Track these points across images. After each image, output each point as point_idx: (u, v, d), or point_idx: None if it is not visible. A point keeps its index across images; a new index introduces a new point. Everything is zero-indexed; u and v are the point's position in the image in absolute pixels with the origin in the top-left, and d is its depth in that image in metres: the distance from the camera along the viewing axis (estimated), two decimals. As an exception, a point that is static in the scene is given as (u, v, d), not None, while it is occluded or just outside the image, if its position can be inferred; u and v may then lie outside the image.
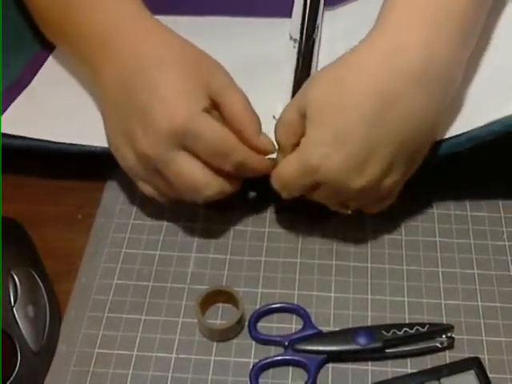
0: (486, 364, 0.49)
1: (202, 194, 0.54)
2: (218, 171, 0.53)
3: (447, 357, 0.50)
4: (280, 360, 0.50)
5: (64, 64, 0.66)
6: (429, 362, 0.50)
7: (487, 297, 0.53)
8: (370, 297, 0.53)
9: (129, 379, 0.50)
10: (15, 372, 0.48)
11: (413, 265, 0.55)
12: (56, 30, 0.62)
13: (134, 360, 0.51)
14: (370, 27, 0.54)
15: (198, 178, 0.53)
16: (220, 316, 0.53)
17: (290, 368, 0.50)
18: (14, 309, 0.49)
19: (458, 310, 0.53)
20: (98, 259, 0.56)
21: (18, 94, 0.63)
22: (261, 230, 0.58)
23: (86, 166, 0.60)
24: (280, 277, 0.55)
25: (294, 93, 0.61)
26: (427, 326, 0.50)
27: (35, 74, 0.65)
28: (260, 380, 0.49)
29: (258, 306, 0.53)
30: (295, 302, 0.53)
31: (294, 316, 0.53)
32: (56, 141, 0.58)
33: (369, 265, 0.55)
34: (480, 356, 0.49)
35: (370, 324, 0.52)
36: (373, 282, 0.54)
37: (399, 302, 0.53)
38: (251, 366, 0.50)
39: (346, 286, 0.54)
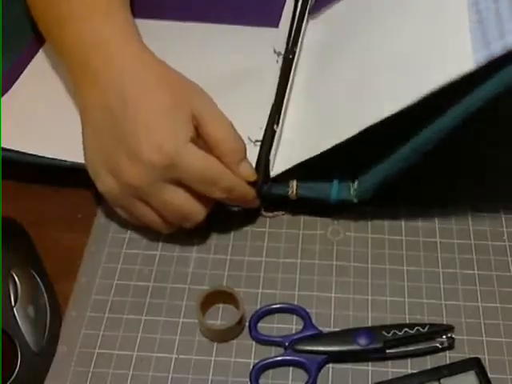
0: (487, 364, 0.49)
1: (193, 220, 0.54)
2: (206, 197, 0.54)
3: (447, 357, 0.50)
4: (280, 360, 0.50)
5: (46, 69, 0.66)
6: (429, 362, 0.50)
7: (487, 297, 0.53)
8: (370, 297, 0.53)
9: (129, 379, 0.50)
10: (15, 372, 0.48)
11: (413, 265, 0.55)
12: (46, 34, 0.62)
13: (134, 360, 0.51)
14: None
15: (189, 207, 0.53)
16: (220, 316, 0.53)
17: (291, 368, 0.50)
18: (15, 309, 0.49)
19: (459, 310, 0.53)
20: (98, 259, 0.56)
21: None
22: (261, 230, 0.58)
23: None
24: (280, 277, 0.55)
25: (272, 109, 0.60)
26: (427, 326, 0.50)
27: (17, 79, 0.65)
28: (260, 380, 0.49)
29: (258, 307, 0.53)
30: (295, 303, 0.53)
31: (295, 316, 0.53)
32: (39, 154, 0.58)
33: (369, 265, 0.55)
34: (480, 356, 0.49)
35: (370, 324, 0.52)
36: (373, 282, 0.54)
37: (399, 302, 0.53)
38: (251, 367, 0.50)
39: (347, 287, 0.54)
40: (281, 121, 0.60)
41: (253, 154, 0.58)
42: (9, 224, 0.54)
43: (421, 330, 0.50)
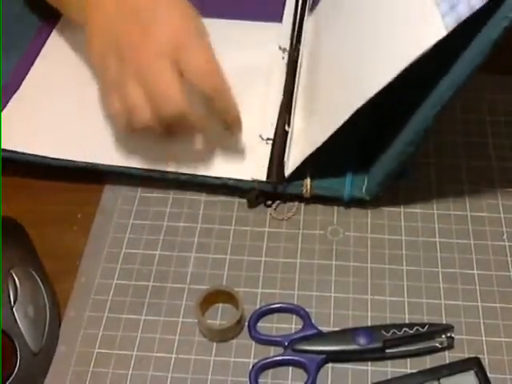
0: (486, 364, 0.49)
1: (171, 104, 0.54)
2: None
3: (447, 357, 0.50)
4: (280, 360, 0.50)
5: (52, 67, 0.66)
6: (428, 362, 0.50)
7: (487, 297, 0.53)
8: (369, 297, 0.53)
9: (128, 379, 0.50)
10: (15, 372, 0.48)
11: (413, 265, 0.55)
12: None
13: (133, 360, 0.51)
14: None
15: (175, 88, 0.54)
16: (220, 316, 0.53)
17: (290, 368, 0.50)
18: (14, 309, 0.49)
19: (458, 310, 0.53)
20: (97, 259, 0.56)
21: (8, 99, 0.64)
22: (261, 229, 0.58)
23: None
24: (280, 277, 0.55)
25: (281, 110, 0.61)
26: (427, 326, 0.50)
27: (23, 78, 0.65)
28: (260, 380, 0.49)
29: (257, 306, 0.53)
30: (295, 302, 0.53)
31: (294, 316, 0.53)
32: (45, 155, 0.59)
33: (369, 265, 0.55)
34: (480, 356, 0.49)
35: (369, 324, 0.52)
36: (373, 282, 0.54)
37: (399, 302, 0.53)
38: (251, 366, 0.50)
39: (346, 286, 0.54)
40: (291, 121, 0.60)
41: (264, 152, 0.59)
42: (9, 224, 0.54)
43: (420, 329, 0.50)
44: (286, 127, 0.60)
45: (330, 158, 0.57)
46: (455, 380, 0.48)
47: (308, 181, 0.58)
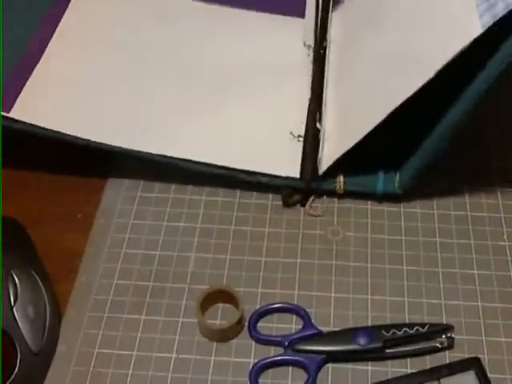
0: (486, 364, 0.49)
1: None
2: None
3: (447, 357, 0.50)
4: (280, 360, 0.50)
5: (74, 34, 0.66)
6: (429, 362, 0.50)
7: (487, 297, 0.53)
8: (369, 297, 0.53)
9: (129, 379, 0.50)
10: (15, 372, 0.48)
11: (413, 265, 0.55)
12: None
13: (133, 360, 0.51)
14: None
15: None
16: (220, 316, 0.53)
17: (290, 368, 0.50)
18: (14, 309, 0.49)
19: (458, 310, 0.53)
20: (98, 259, 0.56)
21: (29, 70, 0.62)
22: (261, 229, 0.58)
23: (87, 166, 0.60)
24: (280, 277, 0.55)
25: (310, 106, 0.61)
26: (427, 326, 0.50)
27: (45, 47, 0.64)
28: (260, 380, 0.49)
29: (257, 306, 0.53)
30: (295, 302, 0.53)
31: (294, 316, 0.53)
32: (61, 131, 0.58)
33: (369, 265, 0.55)
34: (480, 356, 0.49)
35: (369, 324, 0.52)
36: (373, 282, 0.54)
37: (399, 302, 0.53)
38: (251, 366, 0.50)
39: (346, 286, 0.54)
40: (322, 118, 0.60)
41: (296, 149, 0.59)
42: (9, 224, 0.54)
43: (420, 329, 0.50)
44: (318, 125, 0.60)
45: (362, 155, 0.57)
46: (455, 380, 0.48)
47: (341, 177, 0.58)
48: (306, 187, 0.58)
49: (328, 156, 0.58)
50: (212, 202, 0.59)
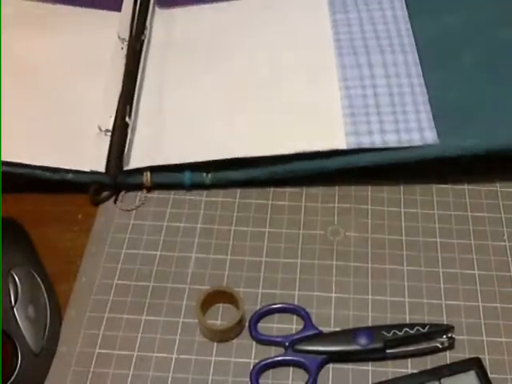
0: (487, 364, 0.49)
1: None
2: None
3: (448, 357, 0.50)
4: (280, 360, 0.50)
5: None
6: (429, 362, 0.50)
7: (488, 297, 0.53)
8: (370, 297, 0.53)
9: (129, 379, 0.50)
10: (15, 372, 0.48)
11: (413, 265, 0.55)
12: None
13: (134, 360, 0.51)
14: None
15: None
16: (220, 316, 0.53)
17: (291, 368, 0.50)
18: (15, 309, 0.49)
19: (459, 310, 0.53)
20: (98, 259, 0.56)
21: None
22: (261, 229, 0.58)
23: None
24: (280, 277, 0.55)
25: (120, 101, 0.61)
26: (428, 326, 0.50)
27: None
28: (260, 380, 0.49)
29: (258, 307, 0.53)
30: (296, 303, 0.53)
31: (295, 316, 0.53)
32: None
33: (369, 265, 0.55)
34: (480, 356, 0.49)
35: (370, 324, 0.52)
36: (373, 282, 0.54)
37: (400, 302, 0.53)
38: (252, 367, 0.50)
39: (347, 287, 0.54)
40: (133, 113, 0.60)
41: (103, 144, 0.59)
42: (9, 224, 0.54)
43: (421, 329, 0.50)
44: (127, 119, 0.59)
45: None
46: (456, 380, 0.48)
47: (148, 172, 0.58)
48: (111, 182, 0.58)
49: (144, 157, 0.59)
50: (212, 202, 0.59)
